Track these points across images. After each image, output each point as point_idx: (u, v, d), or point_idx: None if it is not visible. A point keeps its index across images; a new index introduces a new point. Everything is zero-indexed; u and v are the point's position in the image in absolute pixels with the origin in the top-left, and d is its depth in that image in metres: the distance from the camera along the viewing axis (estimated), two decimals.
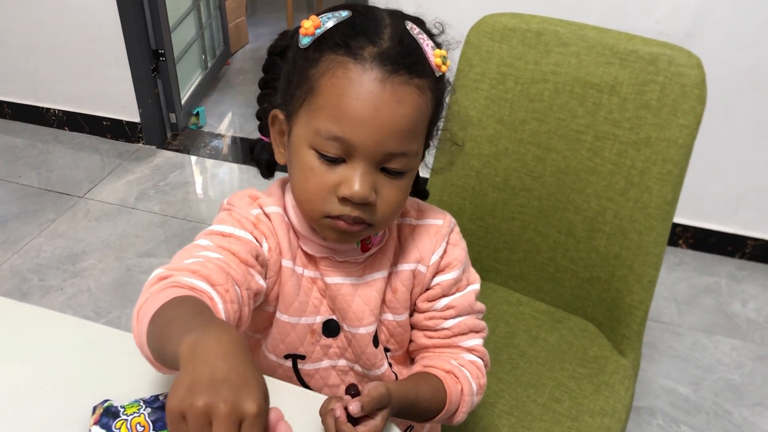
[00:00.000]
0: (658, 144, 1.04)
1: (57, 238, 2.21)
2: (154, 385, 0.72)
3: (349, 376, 0.84)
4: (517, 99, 1.13)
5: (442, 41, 0.74)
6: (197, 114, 2.87)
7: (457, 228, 0.84)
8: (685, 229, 2.17)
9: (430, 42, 0.69)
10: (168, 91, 2.69)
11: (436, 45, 0.71)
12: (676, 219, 1.10)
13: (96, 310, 1.93)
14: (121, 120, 2.71)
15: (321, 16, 0.69)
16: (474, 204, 1.21)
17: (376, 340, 0.81)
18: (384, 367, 0.83)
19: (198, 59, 3.13)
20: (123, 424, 0.64)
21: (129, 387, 0.72)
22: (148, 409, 0.65)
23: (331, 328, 0.81)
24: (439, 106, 0.73)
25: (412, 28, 0.69)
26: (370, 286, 0.79)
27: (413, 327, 0.85)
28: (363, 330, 0.79)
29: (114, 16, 2.47)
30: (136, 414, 0.65)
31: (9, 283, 2.02)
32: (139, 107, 2.66)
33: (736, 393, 1.72)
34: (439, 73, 0.70)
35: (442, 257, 0.80)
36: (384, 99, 0.65)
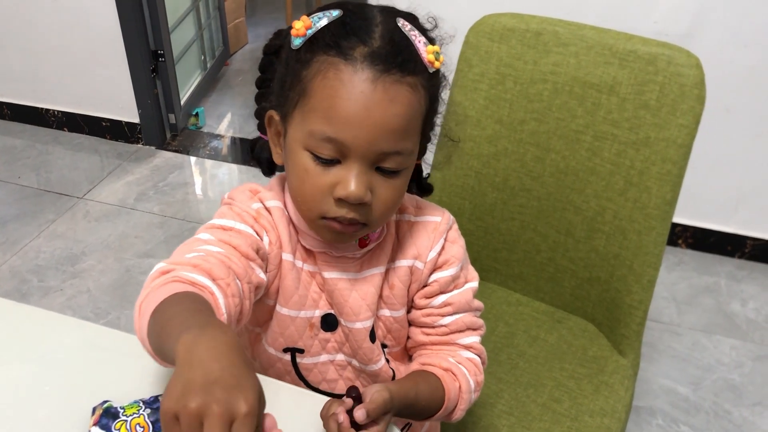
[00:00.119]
0: (658, 144, 1.04)
1: (56, 239, 2.21)
2: (154, 385, 0.72)
3: (347, 371, 0.85)
4: (517, 99, 1.13)
5: (435, 36, 0.73)
6: (196, 114, 2.87)
7: (456, 225, 0.84)
8: (685, 228, 2.17)
9: (422, 38, 0.69)
10: (167, 91, 2.69)
11: (429, 40, 0.71)
12: (675, 219, 1.10)
13: (95, 311, 1.93)
14: (121, 121, 2.71)
15: (312, 16, 0.69)
16: (473, 204, 1.21)
17: (372, 335, 0.82)
18: (381, 362, 0.83)
19: (197, 60, 3.13)
20: (122, 424, 0.64)
21: (128, 388, 0.72)
22: (148, 410, 0.65)
23: (329, 323, 0.81)
24: (434, 102, 0.73)
25: (403, 25, 0.69)
26: (367, 281, 0.79)
27: (411, 324, 0.85)
28: (359, 325, 0.80)
29: (113, 16, 2.47)
30: (135, 415, 0.65)
31: (8, 284, 2.02)
32: (139, 108, 2.66)
33: (735, 393, 1.72)
34: (433, 69, 0.69)
35: (439, 254, 0.80)
36: (376, 99, 0.65)
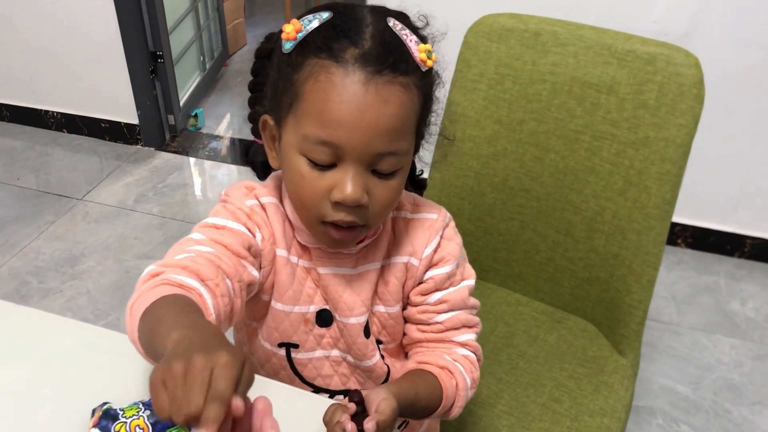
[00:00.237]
0: (657, 144, 1.04)
1: (56, 240, 2.21)
2: None
3: (342, 367, 0.85)
4: (516, 99, 1.13)
5: (427, 34, 0.73)
6: (196, 115, 2.87)
7: (453, 223, 0.84)
8: (684, 228, 2.17)
9: (413, 37, 0.69)
10: (166, 92, 2.69)
11: (421, 39, 0.71)
12: (674, 218, 1.10)
13: (95, 312, 1.93)
14: (120, 122, 2.71)
15: (302, 19, 0.69)
16: (473, 204, 1.21)
17: (367, 330, 0.82)
18: (375, 358, 0.84)
19: (196, 61, 3.13)
20: (122, 426, 0.64)
21: (128, 389, 0.72)
22: (147, 412, 0.65)
23: (324, 318, 0.82)
24: (428, 101, 0.73)
25: (394, 24, 0.68)
26: (362, 277, 0.80)
27: (406, 320, 0.85)
28: (354, 320, 0.80)
29: (112, 18, 2.47)
30: (135, 416, 0.65)
31: (8, 285, 2.02)
32: (138, 109, 2.66)
33: (735, 392, 1.72)
34: (425, 68, 0.69)
35: (435, 251, 0.80)
36: (368, 101, 0.65)
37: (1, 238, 2.21)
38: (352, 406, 0.65)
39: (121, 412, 0.65)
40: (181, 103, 2.81)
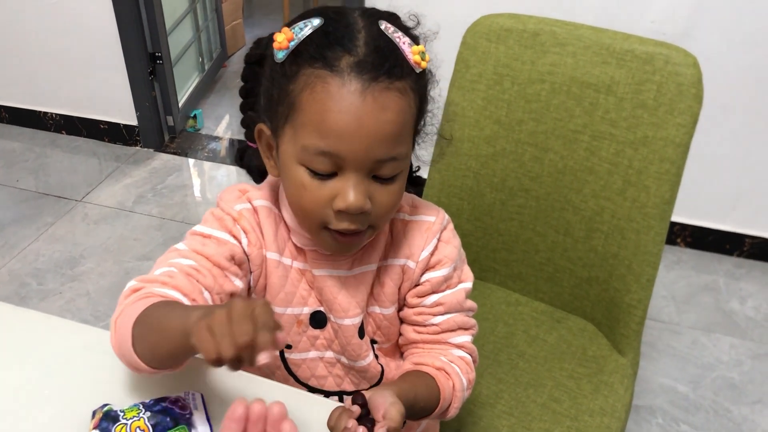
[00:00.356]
0: (655, 143, 1.04)
1: (55, 242, 2.21)
2: (154, 389, 0.72)
3: (336, 368, 0.85)
4: (514, 99, 1.13)
5: (419, 34, 0.73)
6: (194, 117, 2.87)
7: (451, 225, 0.84)
8: (683, 227, 2.17)
9: (406, 39, 0.69)
10: (165, 94, 2.68)
11: (413, 39, 0.70)
12: (673, 217, 1.10)
13: (95, 314, 1.93)
14: (119, 123, 2.71)
15: (293, 27, 0.68)
16: (472, 205, 1.21)
17: (361, 331, 0.82)
18: (369, 358, 0.84)
19: (195, 62, 3.13)
20: (123, 428, 0.64)
21: (128, 391, 0.72)
22: (148, 413, 0.65)
23: (318, 320, 0.82)
24: (424, 102, 0.73)
25: (386, 28, 0.68)
26: (358, 279, 0.80)
27: (403, 321, 0.85)
28: (348, 321, 0.80)
29: (110, 19, 2.47)
30: (135, 418, 0.65)
31: (7, 287, 2.02)
32: (137, 110, 2.65)
33: (735, 391, 1.73)
34: (419, 70, 0.69)
35: (432, 254, 0.80)
36: (366, 109, 0.65)
37: (1, 240, 2.21)
38: (357, 409, 0.65)
39: (121, 414, 0.65)
40: (180, 105, 2.81)
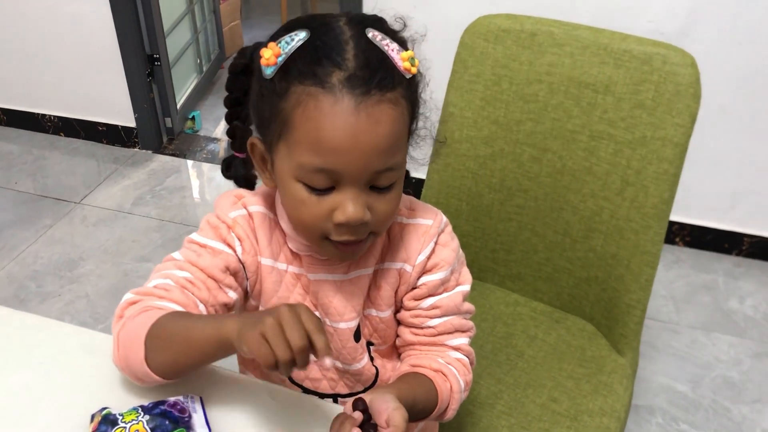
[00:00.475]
0: (654, 143, 1.04)
1: (54, 244, 2.21)
2: (153, 392, 0.72)
3: (331, 372, 0.85)
4: (512, 100, 1.13)
5: (407, 37, 0.72)
6: (193, 118, 2.87)
7: (449, 228, 0.83)
8: (682, 227, 2.17)
9: (394, 45, 0.68)
10: (163, 95, 2.68)
11: (401, 44, 0.70)
12: (672, 217, 1.10)
13: (94, 316, 1.92)
14: (117, 125, 2.71)
15: (279, 42, 0.67)
16: (470, 205, 1.21)
17: (357, 334, 0.82)
18: (364, 361, 0.84)
19: (193, 63, 3.12)
20: (122, 431, 0.64)
21: (127, 394, 0.72)
22: (147, 417, 0.65)
23: None
24: (416, 106, 0.72)
25: (374, 36, 0.67)
26: (354, 283, 0.80)
27: (400, 323, 0.85)
28: (344, 325, 0.81)
29: (108, 21, 2.46)
30: (134, 421, 0.64)
31: (6, 290, 2.02)
32: (135, 112, 2.65)
33: (734, 390, 1.73)
34: (410, 76, 0.69)
35: (429, 257, 0.80)
36: (361, 125, 0.64)
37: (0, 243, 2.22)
38: (359, 416, 0.65)
39: (120, 417, 0.65)
40: (178, 106, 2.81)
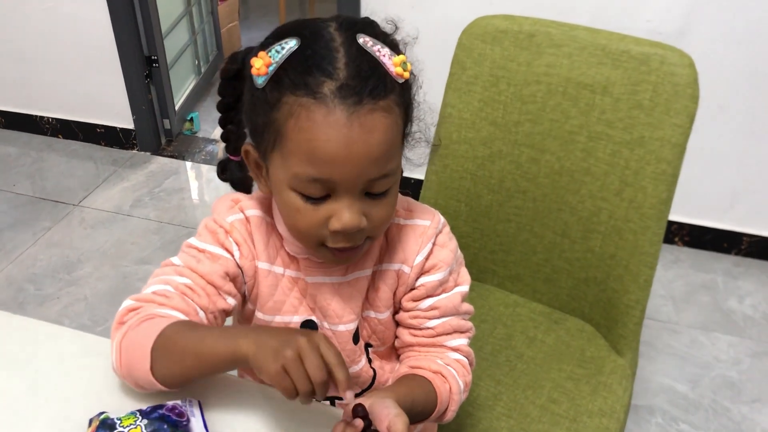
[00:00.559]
0: (652, 143, 1.04)
1: (52, 246, 2.21)
2: (151, 396, 0.71)
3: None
4: (510, 101, 1.13)
5: (398, 39, 0.72)
6: (191, 119, 2.87)
7: (447, 228, 0.83)
8: (681, 226, 2.17)
9: (386, 50, 0.67)
10: (161, 97, 2.68)
11: (393, 47, 0.69)
12: (671, 216, 1.10)
13: (93, 319, 1.92)
14: (115, 127, 2.71)
15: (269, 51, 0.67)
16: (469, 206, 1.21)
17: (356, 336, 0.82)
18: (362, 363, 0.84)
19: (191, 65, 3.12)
20: None
21: (125, 398, 0.72)
22: (145, 421, 0.65)
23: (309, 329, 0.81)
24: (409, 110, 0.72)
25: (365, 42, 0.66)
26: (352, 285, 0.80)
27: (398, 324, 0.85)
28: (343, 327, 0.80)
29: (106, 23, 2.46)
30: (132, 426, 0.64)
31: (5, 292, 2.02)
32: (133, 114, 2.65)
33: (734, 390, 1.73)
34: (402, 80, 0.68)
35: (427, 258, 0.80)
36: (354, 134, 0.64)
37: None
38: (359, 423, 0.64)
39: (118, 422, 0.65)
40: (176, 107, 2.81)
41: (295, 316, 0.81)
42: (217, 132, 2.94)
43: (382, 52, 0.67)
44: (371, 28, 0.70)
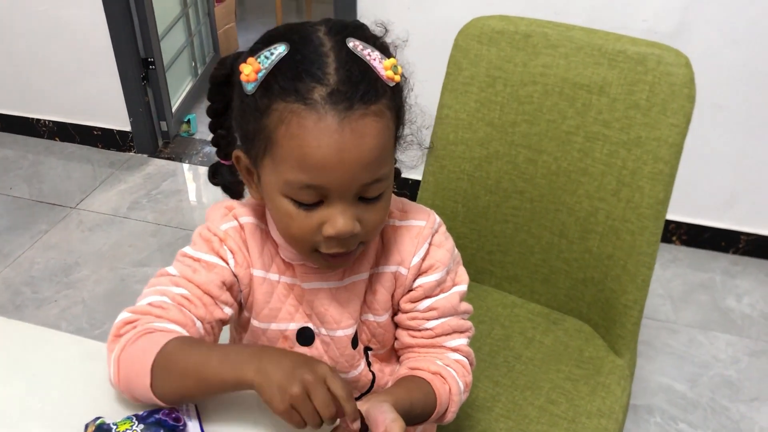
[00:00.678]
0: (649, 143, 1.04)
1: (50, 249, 2.20)
2: None
3: None
4: (507, 101, 1.13)
5: (389, 42, 0.71)
6: (188, 121, 2.86)
7: (443, 228, 0.83)
8: (679, 225, 2.17)
9: (376, 54, 0.67)
10: (158, 99, 2.68)
11: (383, 50, 0.69)
12: (669, 216, 1.10)
13: (90, 322, 1.92)
14: (112, 129, 2.70)
15: (258, 57, 0.66)
16: (466, 207, 1.21)
17: (355, 341, 0.82)
18: (360, 367, 0.84)
19: (188, 66, 3.12)
20: None
21: (121, 403, 0.72)
22: (141, 426, 0.64)
23: (306, 337, 0.81)
24: (401, 113, 0.71)
25: (355, 46, 0.66)
26: (349, 289, 0.79)
27: (397, 326, 0.85)
28: (341, 333, 0.80)
29: (102, 25, 2.46)
30: (129, 430, 0.64)
31: (2, 296, 2.01)
32: (130, 116, 2.65)
33: (732, 389, 1.73)
34: (393, 84, 0.67)
35: (423, 259, 0.80)
36: (346, 140, 0.63)
37: None
38: (357, 426, 0.64)
39: (114, 427, 0.65)
40: (173, 109, 2.80)
41: (291, 323, 0.80)
42: None
43: (373, 56, 0.66)
44: (361, 31, 0.69)
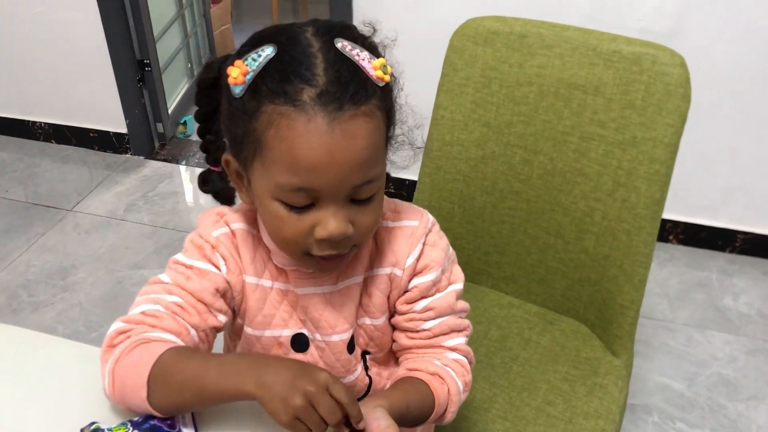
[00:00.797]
0: (644, 144, 1.04)
1: (46, 252, 2.20)
2: None
3: None
4: (503, 102, 1.13)
5: (377, 42, 0.71)
6: (185, 123, 2.86)
7: (436, 227, 0.82)
8: (675, 224, 2.17)
9: (365, 54, 0.66)
10: (154, 101, 2.67)
11: (371, 50, 0.68)
12: (665, 215, 1.10)
13: (87, 324, 1.91)
14: (108, 131, 2.70)
15: (245, 59, 0.65)
16: (463, 208, 1.21)
17: (351, 345, 0.81)
18: (357, 372, 0.83)
19: (184, 68, 3.11)
20: None
21: (116, 409, 0.72)
22: (136, 431, 0.64)
23: (300, 343, 0.81)
24: (391, 113, 0.71)
25: (343, 46, 0.65)
26: (343, 293, 0.79)
27: (395, 328, 0.84)
28: (336, 338, 0.80)
29: (98, 27, 2.45)
30: None
31: None
32: (126, 118, 2.64)
33: (730, 387, 1.73)
34: (383, 84, 0.67)
35: (418, 259, 0.79)
36: (336, 141, 0.63)
37: None
38: (362, 426, 0.64)
39: None
40: (169, 111, 2.80)
41: (285, 329, 0.80)
42: None
43: (361, 56, 0.66)
44: (349, 31, 0.68)
